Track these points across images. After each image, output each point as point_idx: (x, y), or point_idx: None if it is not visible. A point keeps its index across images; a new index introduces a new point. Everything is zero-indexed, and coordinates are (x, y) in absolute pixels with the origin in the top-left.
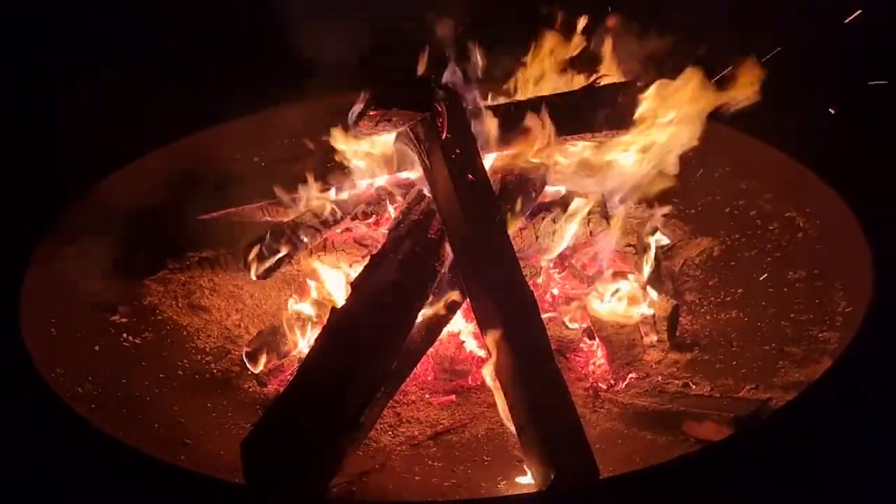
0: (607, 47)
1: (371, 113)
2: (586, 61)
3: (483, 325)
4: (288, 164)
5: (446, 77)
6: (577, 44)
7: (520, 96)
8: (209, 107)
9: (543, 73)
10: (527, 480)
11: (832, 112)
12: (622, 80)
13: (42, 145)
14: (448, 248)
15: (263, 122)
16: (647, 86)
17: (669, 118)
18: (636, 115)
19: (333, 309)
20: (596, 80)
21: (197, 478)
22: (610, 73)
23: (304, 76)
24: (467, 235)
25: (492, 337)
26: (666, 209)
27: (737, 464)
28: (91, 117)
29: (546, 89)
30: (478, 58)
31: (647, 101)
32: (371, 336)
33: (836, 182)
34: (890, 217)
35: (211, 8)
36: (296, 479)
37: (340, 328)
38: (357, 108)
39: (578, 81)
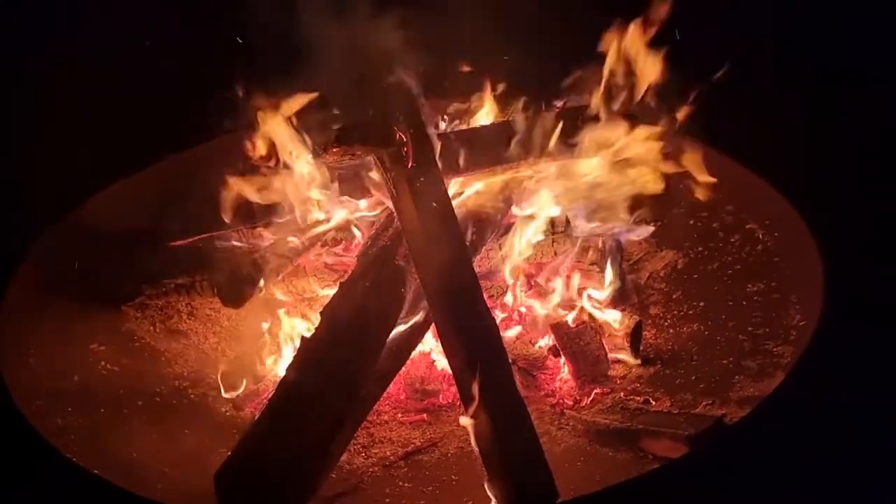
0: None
1: (334, 149)
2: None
3: (447, 349)
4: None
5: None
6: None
7: (483, 121)
8: (184, 128)
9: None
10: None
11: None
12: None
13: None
14: (415, 273)
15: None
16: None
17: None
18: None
19: (303, 338)
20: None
21: None
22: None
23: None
24: (431, 261)
25: (455, 362)
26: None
27: (690, 482)
28: (63, 146)
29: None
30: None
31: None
32: (341, 363)
33: (793, 194)
34: (843, 230)
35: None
36: None
37: (310, 356)
38: (321, 141)
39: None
